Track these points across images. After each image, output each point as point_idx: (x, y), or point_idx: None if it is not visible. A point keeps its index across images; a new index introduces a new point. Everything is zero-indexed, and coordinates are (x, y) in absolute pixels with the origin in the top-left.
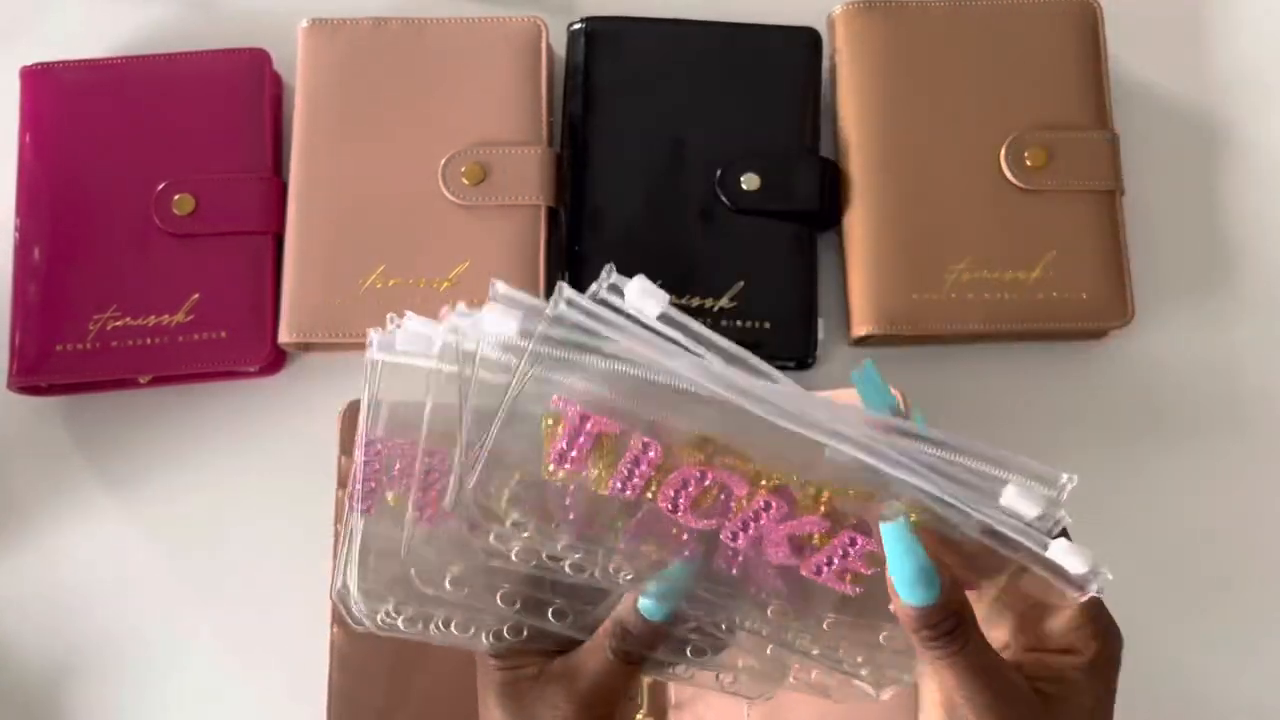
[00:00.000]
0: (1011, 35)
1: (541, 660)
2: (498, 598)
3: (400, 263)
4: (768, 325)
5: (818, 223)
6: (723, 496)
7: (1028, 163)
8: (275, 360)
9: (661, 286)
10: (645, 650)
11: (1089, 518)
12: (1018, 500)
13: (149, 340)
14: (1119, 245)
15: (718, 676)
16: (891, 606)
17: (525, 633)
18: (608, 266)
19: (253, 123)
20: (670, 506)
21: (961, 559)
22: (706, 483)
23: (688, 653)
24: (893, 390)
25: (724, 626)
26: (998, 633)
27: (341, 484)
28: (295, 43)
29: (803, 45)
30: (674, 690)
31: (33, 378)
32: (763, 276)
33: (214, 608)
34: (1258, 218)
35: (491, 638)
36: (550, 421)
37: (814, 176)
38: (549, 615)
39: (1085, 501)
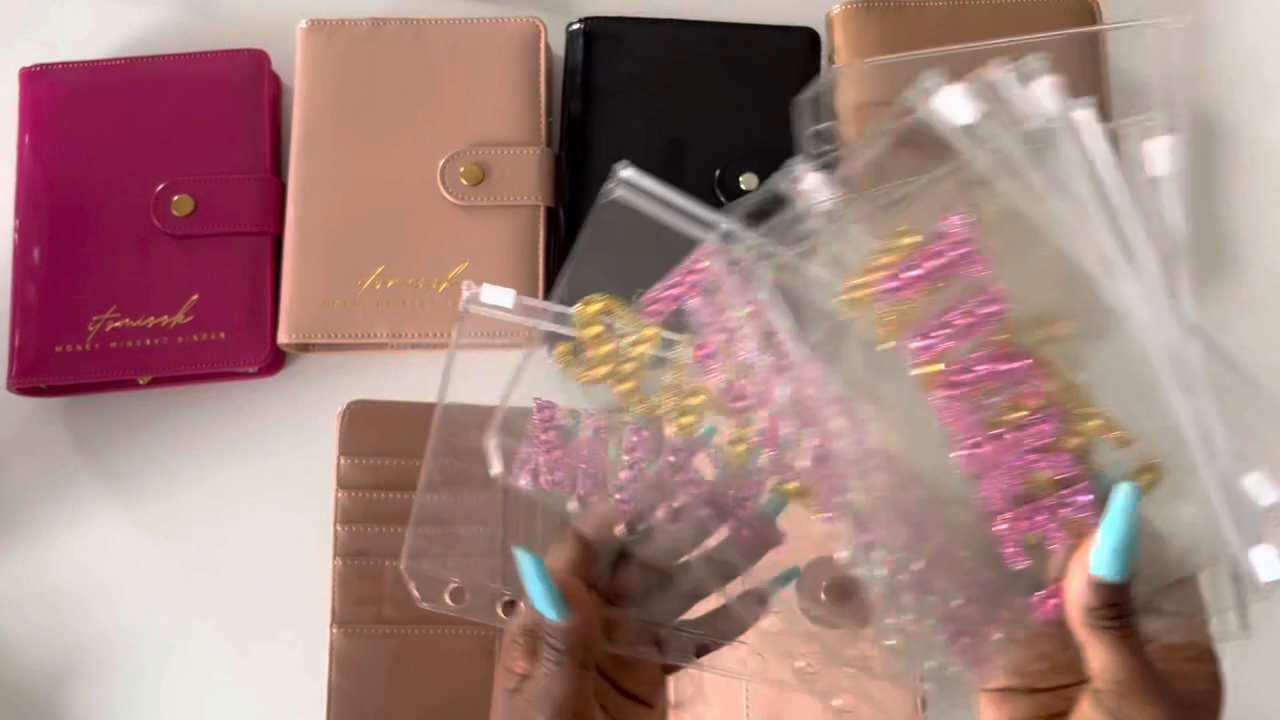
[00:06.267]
0: (1009, 35)
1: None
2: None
3: (399, 263)
4: None
5: None
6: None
7: None
8: (274, 361)
9: None
10: (573, 646)
11: None
12: (1261, 485)
13: (148, 341)
14: None
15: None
16: (1071, 580)
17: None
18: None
19: (252, 123)
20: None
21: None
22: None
23: (693, 653)
24: None
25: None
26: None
27: (341, 484)
28: (294, 43)
29: (801, 45)
30: (674, 690)
31: (32, 379)
32: None
33: (213, 608)
34: (1258, 214)
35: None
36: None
37: None
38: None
39: None
